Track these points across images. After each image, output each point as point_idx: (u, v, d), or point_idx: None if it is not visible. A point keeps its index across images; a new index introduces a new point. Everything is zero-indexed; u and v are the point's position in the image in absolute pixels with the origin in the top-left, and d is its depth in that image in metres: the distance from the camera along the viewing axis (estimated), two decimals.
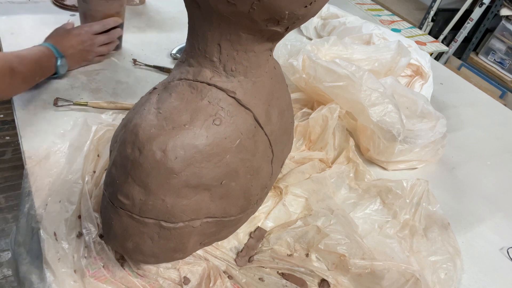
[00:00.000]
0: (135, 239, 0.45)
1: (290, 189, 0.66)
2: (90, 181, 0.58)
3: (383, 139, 0.75)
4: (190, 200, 0.44)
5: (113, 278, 0.49)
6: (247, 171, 0.48)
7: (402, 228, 0.64)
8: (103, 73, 0.84)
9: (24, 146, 0.63)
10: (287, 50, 0.86)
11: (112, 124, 0.67)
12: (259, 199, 0.54)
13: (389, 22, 1.60)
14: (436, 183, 0.79)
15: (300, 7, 0.40)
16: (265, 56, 0.47)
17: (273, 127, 0.51)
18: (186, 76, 0.46)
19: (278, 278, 0.54)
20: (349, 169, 0.74)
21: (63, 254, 0.50)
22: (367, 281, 0.55)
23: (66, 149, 0.63)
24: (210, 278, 0.51)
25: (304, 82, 0.81)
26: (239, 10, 0.40)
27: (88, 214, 0.53)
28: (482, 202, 0.78)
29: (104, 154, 0.62)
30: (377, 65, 0.87)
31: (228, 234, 0.55)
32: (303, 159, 0.74)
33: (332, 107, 0.75)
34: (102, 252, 0.51)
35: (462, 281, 0.61)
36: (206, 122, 0.43)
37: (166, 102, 0.44)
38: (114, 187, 0.44)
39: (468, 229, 0.71)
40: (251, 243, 0.58)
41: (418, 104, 0.82)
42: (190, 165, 0.42)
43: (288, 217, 0.63)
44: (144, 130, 0.42)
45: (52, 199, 0.56)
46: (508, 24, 2.22)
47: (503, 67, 2.30)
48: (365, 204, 0.67)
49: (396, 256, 0.59)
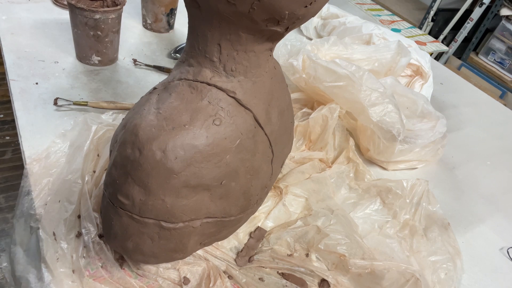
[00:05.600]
0: (135, 239, 0.45)
1: (290, 189, 0.66)
2: (90, 181, 0.58)
3: (383, 139, 0.75)
4: (190, 200, 0.44)
5: (111, 279, 0.49)
6: (247, 171, 0.48)
7: (402, 228, 0.64)
8: (103, 73, 0.84)
9: (24, 146, 0.63)
10: (287, 50, 0.86)
11: (112, 124, 0.67)
12: (259, 199, 0.54)
13: (389, 22, 1.60)
14: (436, 183, 0.79)
15: (300, 7, 0.40)
16: (265, 56, 0.47)
17: (273, 127, 0.51)
18: (186, 76, 0.46)
19: (278, 278, 0.54)
20: (349, 169, 0.74)
21: (61, 254, 0.50)
22: (367, 281, 0.55)
23: (66, 148, 0.63)
24: (210, 278, 0.51)
25: (304, 82, 0.81)
26: (239, 10, 0.40)
27: (88, 214, 0.53)
28: (482, 202, 0.78)
29: (104, 154, 0.62)
30: (377, 65, 0.87)
31: (228, 234, 0.55)
32: (303, 159, 0.74)
33: (332, 107, 0.75)
34: (101, 252, 0.51)
35: (462, 281, 0.61)
36: (206, 122, 0.43)
37: (166, 102, 0.44)
38: (114, 187, 0.44)
39: (468, 229, 0.71)
40: (251, 243, 0.58)
41: (418, 104, 0.82)
42: (190, 165, 0.42)
43: (288, 217, 0.63)
44: (144, 130, 0.42)
45: (52, 198, 0.55)
46: (508, 24, 2.22)
47: (503, 67, 2.30)
48: (365, 204, 0.67)
49: (396, 256, 0.59)
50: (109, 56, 0.85)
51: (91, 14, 0.76)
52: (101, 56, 0.84)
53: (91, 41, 0.81)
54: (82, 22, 0.78)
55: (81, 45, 0.83)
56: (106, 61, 0.86)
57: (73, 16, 0.78)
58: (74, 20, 0.79)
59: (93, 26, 0.78)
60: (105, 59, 0.85)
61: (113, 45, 0.85)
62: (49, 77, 0.79)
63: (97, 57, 0.84)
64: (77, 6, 0.76)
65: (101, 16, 0.77)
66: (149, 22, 1.02)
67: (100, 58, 0.84)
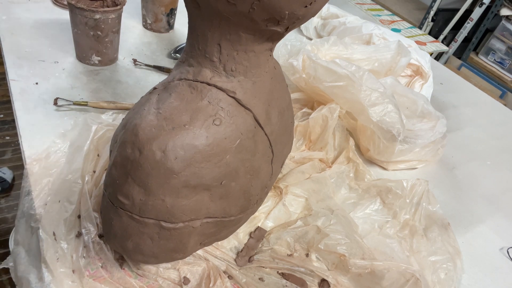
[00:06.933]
0: (135, 239, 0.45)
1: (290, 189, 0.66)
2: (90, 181, 0.58)
3: (383, 139, 0.75)
4: (190, 200, 0.44)
5: (111, 279, 0.49)
6: (247, 171, 0.48)
7: (402, 228, 0.64)
8: (103, 73, 0.84)
9: (24, 146, 0.63)
10: (287, 50, 0.86)
11: (112, 124, 0.67)
12: (259, 199, 0.54)
13: (389, 22, 1.60)
14: (436, 183, 0.79)
15: (300, 7, 0.40)
16: (265, 56, 0.47)
17: (273, 127, 0.51)
18: (186, 76, 0.46)
19: (278, 278, 0.54)
20: (349, 169, 0.74)
21: (61, 254, 0.50)
22: (367, 281, 0.55)
23: (66, 148, 0.63)
24: (210, 278, 0.51)
25: (304, 82, 0.81)
26: (239, 10, 0.40)
27: (88, 214, 0.53)
28: (482, 202, 0.78)
29: (104, 154, 0.62)
30: (377, 65, 0.87)
31: (228, 234, 0.55)
32: (303, 159, 0.74)
33: (332, 107, 0.75)
34: (101, 252, 0.51)
35: (462, 281, 0.61)
36: (206, 122, 0.43)
37: (166, 102, 0.44)
38: (114, 187, 0.44)
39: (468, 229, 0.71)
40: (251, 243, 0.58)
41: (418, 104, 0.82)
42: (190, 165, 0.42)
43: (288, 217, 0.63)
44: (144, 130, 0.42)
45: (52, 198, 0.55)
46: (508, 24, 2.22)
47: (503, 67, 2.30)
48: (365, 204, 0.67)
49: (396, 256, 0.59)
50: (109, 56, 0.85)
51: (91, 14, 0.76)
52: (101, 56, 0.84)
53: (91, 41, 0.81)
54: (82, 22, 0.78)
55: (81, 45, 0.83)
56: (106, 61, 0.86)
57: (73, 16, 0.78)
58: (74, 20, 0.79)
59: (93, 26, 0.78)
60: (105, 59, 0.85)
61: (113, 45, 0.85)
62: (49, 77, 0.79)
63: (97, 57, 0.84)
64: (77, 6, 0.76)
65: (101, 16, 0.77)
66: (149, 22, 1.02)
67: (100, 58, 0.84)
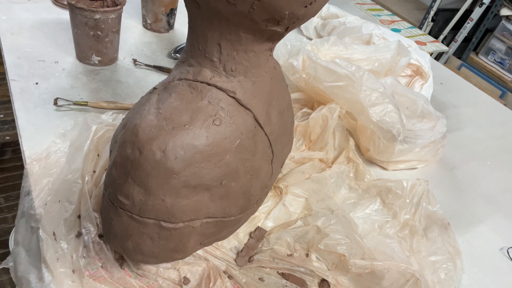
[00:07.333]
0: (135, 239, 0.45)
1: (290, 189, 0.66)
2: (90, 180, 0.58)
3: (383, 139, 0.75)
4: (190, 200, 0.44)
5: (111, 279, 0.49)
6: (247, 171, 0.48)
7: (402, 228, 0.64)
8: (103, 73, 0.84)
9: (24, 146, 0.63)
10: (287, 50, 0.86)
11: (112, 124, 0.67)
12: (259, 199, 0.54)
13: (389, 22, 1.60)
14: (436, 183, 0.79)
15: (300, 7, 0.40)
16: (265, 56, 0.47)
17: (273, 127, 0.51)
18: (186, 76, 0.46)
19: (278, 278, 0.54)
20: (349, 169, 0.74)
21: (61, 254, 0.50)
22: (367, 281, 0.55)
23: (66, 148, 0.63)
24: (210, 278, 0.51)
25: (304, 82, 0.81)
26: (239, 10, 0.40)
27: (88, 214, 0.53)
28: (482, 202, 0.78)
29: (104, 154, 0.62)
30: (377, 65, 0.87)
31: (228, 234, 0.55)
32: (303, 159, 0.74)
33: (332, 107, 0.75)
34: (101, 252, 0.51)
35: (462, 281, 0.61)
36: (206, 122, 0.43)
37: (166, 102, 0.44)
38: (114, 187, 0.44)
39: (468, 229, 0.71)
40: (251, 243, 0.58)
41: (418, 104, 0.82)
42: (190, 165, 0.42)
43: (288, 217, 0.63)
44: (144, 130, 0.42)
45: (52, 198, 0.55)
46: (508, 24, 2.22)
47: (503, 67, 2.30)
48: (365, 204, 0.67)
49: (396, 256, 0.59)
50: (109, 56, 0.85)
51: (91, 14, 0.76)
52: (101, 56, 0.84)
53: (91, 41, 0.81)
54: (82, 22, 0.78)
55: (81, 45, 0.83)
56: (106, 61, 0.86)
57: (73, 16, 0.78)
58: (74, 20, 0.79)
59: (93, 26, 0.78)
60: (105, 59, 0.85)
61: (113, 45, 0.85)
62: (49, 77, 0.79)
63: (97, 57, 0.84)
64: (77, 6, 0.76)
65: (101, 16, 0.77)
66: (149, 22, 1.02)
67: (100, 58, 0.84)
